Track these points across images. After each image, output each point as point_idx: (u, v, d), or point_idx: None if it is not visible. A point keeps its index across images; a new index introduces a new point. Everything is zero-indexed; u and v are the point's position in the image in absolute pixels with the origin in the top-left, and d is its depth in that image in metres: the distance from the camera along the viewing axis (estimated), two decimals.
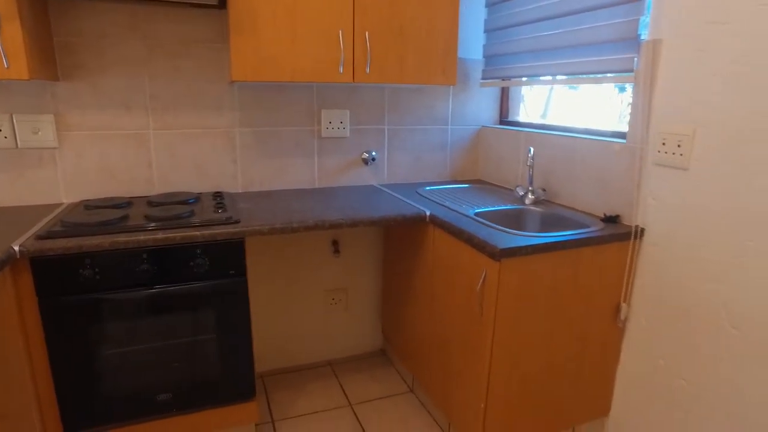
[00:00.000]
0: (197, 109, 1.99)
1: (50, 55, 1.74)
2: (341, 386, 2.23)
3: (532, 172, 1.99)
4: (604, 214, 1.75)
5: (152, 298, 1.54)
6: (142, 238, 1.48)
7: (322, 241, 2.26)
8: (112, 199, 1.87)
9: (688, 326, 1.53)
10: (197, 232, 1.52)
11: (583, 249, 1.58)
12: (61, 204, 1.88)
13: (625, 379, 1.77)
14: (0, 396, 1.28)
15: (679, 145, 1.51)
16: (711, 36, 1.40)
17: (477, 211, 1.85)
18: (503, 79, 2.29)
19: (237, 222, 1.61)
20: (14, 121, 1.79)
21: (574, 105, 2.23)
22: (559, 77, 1.98)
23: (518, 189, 2.04)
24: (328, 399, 2.14)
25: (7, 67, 1.49)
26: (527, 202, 1.98)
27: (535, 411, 1.68)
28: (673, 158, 1.53)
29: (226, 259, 1.59)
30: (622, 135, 1.76)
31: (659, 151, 1.57)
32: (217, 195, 1.96)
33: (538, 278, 1.53)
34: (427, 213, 1.80)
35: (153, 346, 1.58)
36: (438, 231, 1.78)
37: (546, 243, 1.50)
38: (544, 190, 2.01)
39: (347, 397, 2.16)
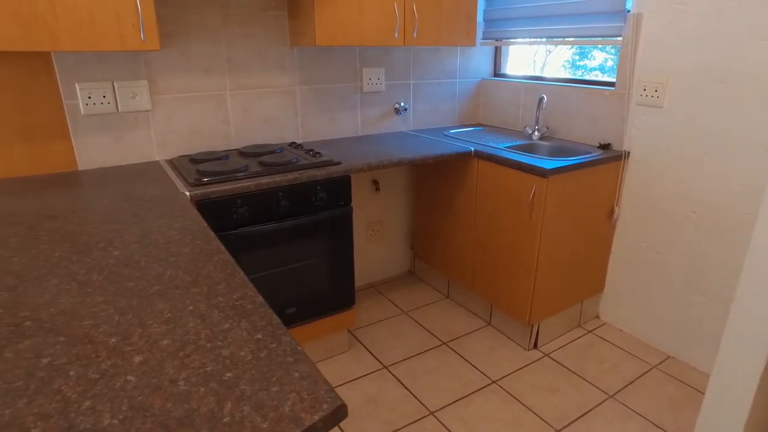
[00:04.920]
0: (264, 70, 2.26)
1: None
2: (390, 301, 2.73)
3: (539, 114, 2.54)
4: (600, 143, 2.36)
5: (287, 229, 1.89)
6: (278, 179, 1.82)
7: (365, 181, 2.67)
8: (209, 153, 2.13)
9: (661, 215, 2.20)
10: (318, 172, 1.89)
11: (592, 168, 2.18)
12: (155, 161, 2.11)
13: (615, 263, 2.45)
14: None
15: (656, 90, 2.12)
16: (676, 13, 2.00)
17: (506, 145, 2.37)
18: (497, 40, 2.80)
19: (339, 163, 1.99)
20: (115, 87, 1.97)
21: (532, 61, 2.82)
22: (556, 39, 2.52)
23: (527, 128, 2.59)
24: (385, 310, 2.63)
25: (144, 40, 1.70)
26: (535, 138, 2.54)
27: (560, 290, 2.30)
28: (651, 100, 2.14)
29: (338, 193, 1.97)
30: (608, 84, 2.36)
31: (641, 95, 2.18)
32: (295, 144, 2.28)
33: (567, 190, 2.11)
34: (472, 149, 2.29)
35: (285, 269, 1.95)
36: (482, 162, 2.28)
37: (573, 164, 2.07)
38: (547, 128, 2.58)
39: (399, 308, 2.66)
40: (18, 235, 1.29)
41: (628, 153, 2.28)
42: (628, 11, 2.16)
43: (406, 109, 2.71)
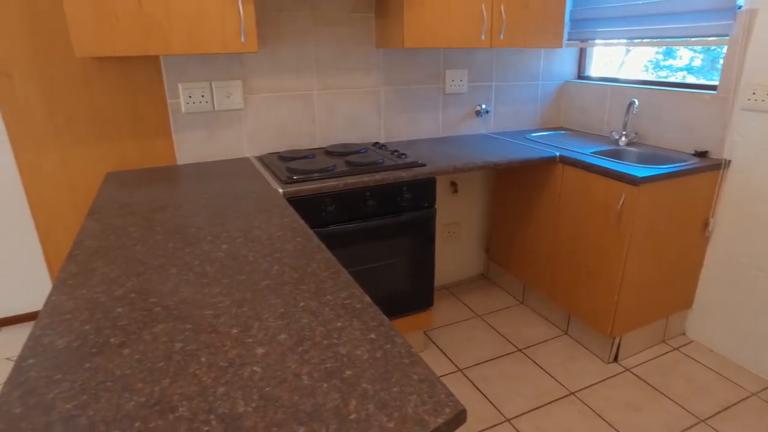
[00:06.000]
0: (350, 70, 2.31)
1: None
2: (464, 303, 2.71)
3: (628, 118, 2.44)
4: (695, 150, 2.23)
5: (372, 229, 1.93)
6: (365, 179, 1.85)
7: (444, 182, 2.67)
8: (296, 151, 2.21)
9: (766, 229, 2.05)
10: (404, 173, 1.91)
11: (687, 176, 2.06)
12: (245, 157, 2.21)
13: (707, 278, 2.30)
14: None
15: None
16: None
17: (591, 150, 2.29)
18: (582, 41, 2.70)
19: (424, 165, 2.00)
20: (213, 87, 2.08)
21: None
22: (653, 39, 2.40)
23: (613, 133, 2.49)
24: (459, 313, 2.62)
25: (243, 43, 1.79)
26: (621, 143, 2.44)
27: (646, 303, 2.20)
28: (762, 104, 2.00)
29: (422, 195, 1.98)
30: (707, 87, 2.22)
31: (749, 99, 2.04)
32: (378, 145, 2.32)
33: (658, 199, 2.01)
34: (557, 154, 2.24)
35: (367, 267, 1.99)
36: (568, 168, 2.21)
37: (667, 172, 1.97)
38: (636, 133, 2.47)
39: (473, 311, 2.64)
40: (136, 225, 1.40)
41: (729, 162, 2.14)
42: (740, 7, 2.02)
43: (487, 112, 2.68)
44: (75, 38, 1.54)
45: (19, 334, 2.51)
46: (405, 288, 2.10)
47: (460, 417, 0.70)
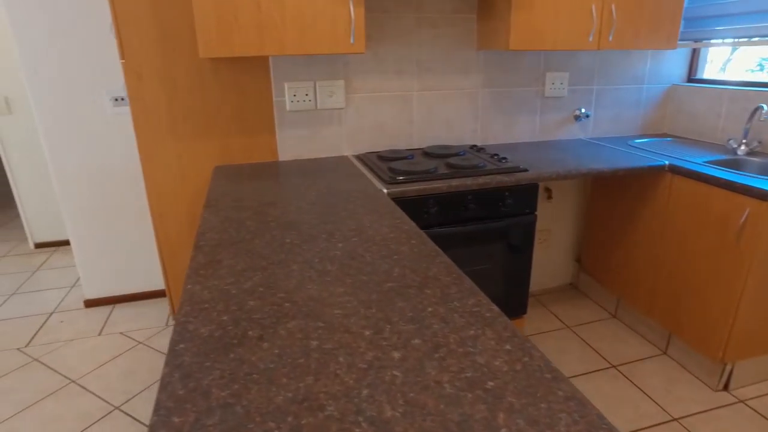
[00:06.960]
0: (450, 72, 2.29)
1: None
2: (552, 313, 2.62)
3: (750, 125, 2.25)
4: None
5: (472, 233, 1.91)
6: (468, 182, 1.83)
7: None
8: (394, 151, 2.22)
9: None
10: (506, 178, 1.87)
11: None
12: (344, 156, 2.25)
13: None
14: None
15: None
16: None
17: (703, 160, 2.14)
18: (696, 41, 2.52)
19: (526, 170, 1.94)
20: (316, 86, 2.13)
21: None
22: None
23: (730, 141, 2.31)
24: (548, 323, 2.54)
25: (353, 43, 1.81)
26: (740, 152, 2.25)
27: (766, 330, 2.01)
28: None
29: (523, 200, 1.93)
30: None
31: None
32: (476, 148, 2.29)
33: None
34: (666, 163, 2.10)
35: (463, 271, 1.96)
36: (677, 178, 2.07)
37: None
38: (759, 142, 2.27)
39: (562, 322, 2.55)
40: (251, 220, 1.46)
41: None
42: None
43: (587, 116, 2.57)
44: (201, 40, 1.63)
45: (131, 312, 2.71)
46: (499, 294, 2.05)
47: None
